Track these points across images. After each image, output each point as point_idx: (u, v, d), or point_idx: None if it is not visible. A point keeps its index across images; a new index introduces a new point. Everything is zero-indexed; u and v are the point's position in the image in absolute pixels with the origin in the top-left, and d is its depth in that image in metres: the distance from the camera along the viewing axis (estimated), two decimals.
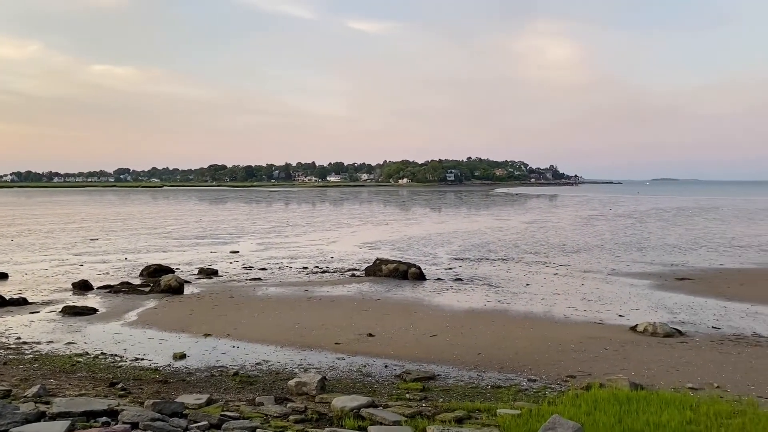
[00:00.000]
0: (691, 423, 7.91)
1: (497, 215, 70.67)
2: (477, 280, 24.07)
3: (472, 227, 51.63)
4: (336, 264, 28.65)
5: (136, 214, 71.72)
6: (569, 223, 56.74)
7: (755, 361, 12.65)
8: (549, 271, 26.67)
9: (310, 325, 15.95)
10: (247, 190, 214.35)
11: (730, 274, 25.89)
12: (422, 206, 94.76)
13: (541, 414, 8.02)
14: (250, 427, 7.81)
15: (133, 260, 29.60)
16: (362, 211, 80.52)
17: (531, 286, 22.78)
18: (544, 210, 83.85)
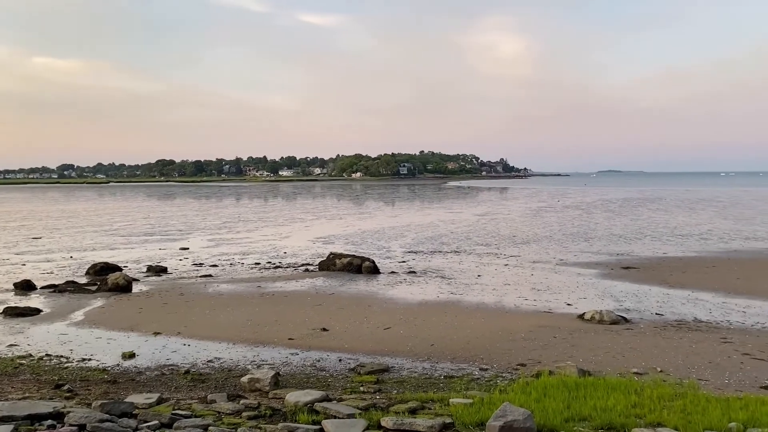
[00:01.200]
0: (635, 406, 8.20)
1: (450, 208, 71.38)
2: (430, 272, 24.28)
3: (425, 220, 52.01)
4: (289, 259, 28.46)
5: (81, 211, 69.59)
6: (519, 215, 57.76)
7: (696, 345, 13.17)
8: (500, 262, 27.11)
9: (263, 321, 15.82)
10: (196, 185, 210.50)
11: (673, 262, 26.83)
12: (376, 200, 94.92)
13: (492, 402, 8.17)
14: (202, 425, 7.71)
15: (78, 259, 28.74)
16: (315, 205, 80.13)
17: (483, 277, 23.12)
18: (495, 202, 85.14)
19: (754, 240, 35.15)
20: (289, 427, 7.65)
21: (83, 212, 67.21)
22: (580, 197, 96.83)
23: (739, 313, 16.79)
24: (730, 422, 7.35)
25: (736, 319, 16.07)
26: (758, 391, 9.96)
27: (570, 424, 7.49)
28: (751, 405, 8.02)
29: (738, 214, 56.52)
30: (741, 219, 50.95)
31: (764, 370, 11.42)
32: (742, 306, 17.64)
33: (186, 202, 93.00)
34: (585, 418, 7.75)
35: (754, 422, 7.37)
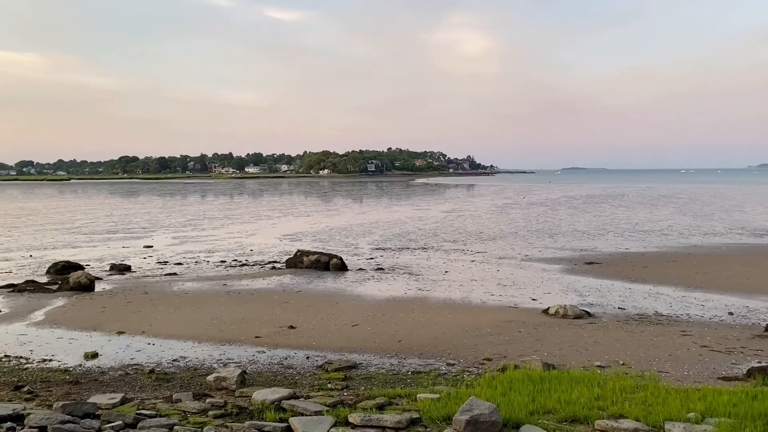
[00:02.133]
0: (599, 399, 8.35)
1: (417, 205, 71.66)
2: (398, 269, 24.36)
3: (393, 217, 52.13)
4: (255, 257, 28.24)
5: (41, 208, 67.89)
6: (486, 212, 58.31)
7: (656, 339, 13.49)
8: (467, 258, 27.34)
9: (229, 319, 15.67)
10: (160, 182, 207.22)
11: (635, 257, 27.41)
12: (343, 197, 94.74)
13: (459, 397, 8.24)
14: (167, 425, 7.62)
15: (38, 257, 28.06)
16: (282, 202, 79.63)
17: (450, 273, 23.28)
18: (462, 199, 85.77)
19: (712, 235, 36.12)
20: (256, 425, 7.62)
21: (43, 210, 65.59)
22: (545, 194, 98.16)
23: (698, 306, 17.24)
24: (689, 412, 7.55)
25: (695, 312, 16.51)
26: (716, 382, 10.25)
27: (535, 417, 7.61)
28: (708, 395, 8.25)
29: (697, 211, 58.02)
30: (700, 215, 52.31)
31: (721, 361, 11.76)
32: (701, 300, 18.12)
33: (150, 199, 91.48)
34: (550, 410, 7.87)
35: (711, 412, 7.58)
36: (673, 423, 7.16)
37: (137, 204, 77.41)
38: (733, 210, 58.50)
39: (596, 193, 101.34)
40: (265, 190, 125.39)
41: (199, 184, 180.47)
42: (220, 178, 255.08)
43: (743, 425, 6.87)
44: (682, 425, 7.08)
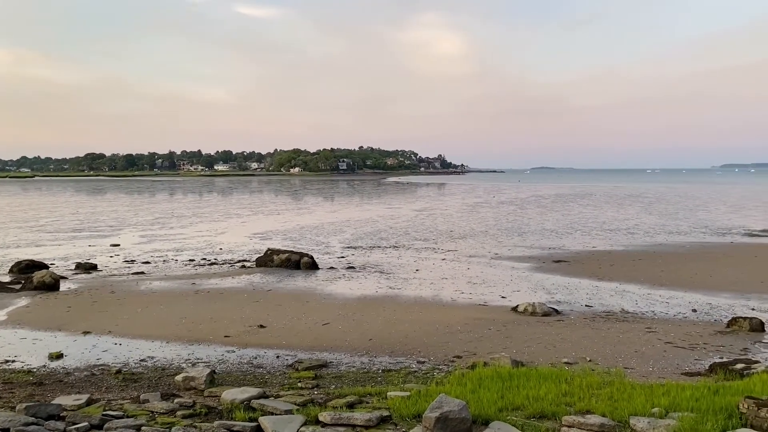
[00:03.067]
0: (566, 395, 8.48)
1: (389, 204, 71.76)
2: (369, 267, 24.37)
3: (364, 216, 52.12)
4: (225, 255, 27.98)
5: (3, 206, 66.24)
6: (456, 211, 58.66)
7: (622, 335, 13.74)
8: (437, 256, 27.48)
9: (198, 318, 15.51)
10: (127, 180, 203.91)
11: (602, 255, 27.86)
12: (314, 195, 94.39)
13: (429, 394, 8.29)
14: (134, 426, 7.52)
15: (1, 256, 27.37)
16: (252, 200, 79.00)
17: (420, 271, 23.38)
18: (433, 198, 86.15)
19: (677, 234, 36.89)
20: (226, 425, 7.56)
21: (6, 207, 64.00)
22: (515, 193, 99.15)
23: (663, 303, 17.60)
24: (653, 407, 7.71)
25: (660, 309, 16.85)
26: (679, 377, 10.49)
27: (504, 414, 7.69)
28: (672, 391, 8.43)
29: (662, 210, 59.21)
30: (665, 214, 53.41)
31: (685, 357, 12.03)
32: (665, 297, 18.50)
33: (117, 197, 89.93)
34: (518, 407, 7.97)
35: (674, 407, 7.75)
36: (638, 418, 7.30)
37: (104, 202, 76.03)
38: (697, 209, 59.85)
39: (564, 192, 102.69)
40: (234, 188, 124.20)
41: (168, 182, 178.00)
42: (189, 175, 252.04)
43: (705, 419, 7.04)
44: (646, 420, 7.23)
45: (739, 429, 7.01)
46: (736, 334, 13.82)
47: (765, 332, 13.95)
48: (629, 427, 7.15)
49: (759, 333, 13.87)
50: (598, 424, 7.20)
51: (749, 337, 13.57)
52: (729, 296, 18.51)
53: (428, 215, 52.75)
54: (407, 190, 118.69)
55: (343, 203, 74.12)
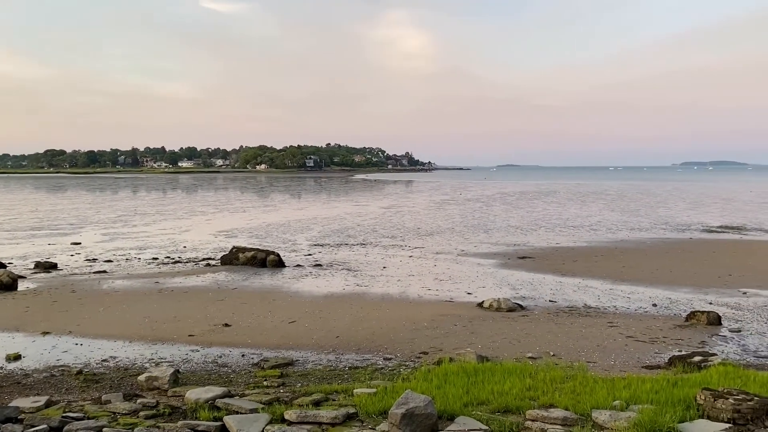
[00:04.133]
0: (530, 389, 8.60)
1: (356, 201, 71.68)
2: (336, 265, 24.31)
3: (331, 213, 51.95)
4: (189, 254, 27.61)
5: None
6: (423, 208, 58.91)
7: (585, 330, 13.98)
8: (405, 254, 27.56)
9: (162, 317, 15.28)
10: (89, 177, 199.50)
11: (565, 251, 28.29)
12: (281, 192, 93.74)
13: (395, 390, 8.32)
14: (95, 427, 7.38)
15: None
16: (218, 198, 78.09)
17: (388, 268, 23.42)
18: (401, 195, 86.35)
19: (638, 230, 37.68)
20: (190, 425, 7.47)
21: None
22: (481, 190, 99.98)
23: (624, 299, 17.96)
24: (615, 400, 7.87)
25: (621, 304, 17.19)
26: (640, 370, 10.73)
27: (469, 409, 7.76)
28: (633, 384, 8.62)
29: (624, 207, 60.40)
30: (627, 211, 54.49)
31: (645, 351, 12.31)
32: (627, 292, 18.88)
33: (78, 194, 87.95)
34: (483, 402, 8.05)
35: (635, 399, 7.93)
36: (599, 411, 7.45)
37: (64, 199, 74.27)
38: (658, 206, 61.21)
39: (529, 189, 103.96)
40: (199, 185, 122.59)
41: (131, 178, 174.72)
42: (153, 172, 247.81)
43: (664, 411, 7.21)
44: (608, 412, 7.38)
45: (696, 420, 7.21)
46: (695, 328, 14.19)
47: (722, 326, 14.35)
48: (591, 420, 7.29)
49: (716, 326, 14.26)
50: (561, 418, 7.32)
51: (707, 331, 13.94)
52: (688, 291, 18.98)
53: (396, 212, 52.86)
54: (375, 187, 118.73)
55: (310, 200, 73.78)
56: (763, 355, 12.07)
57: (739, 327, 14.26)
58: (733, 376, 8.97)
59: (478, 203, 66.35)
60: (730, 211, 54.09)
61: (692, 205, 63.04)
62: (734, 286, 19.51)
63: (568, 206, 61.57)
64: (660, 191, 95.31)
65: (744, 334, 13.67)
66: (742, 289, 19.13)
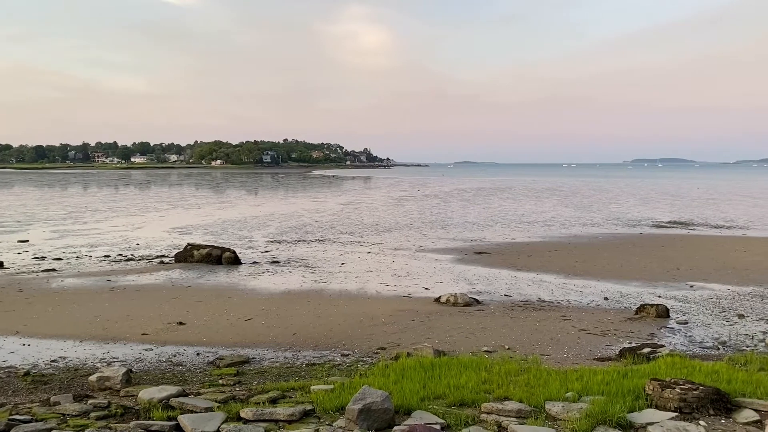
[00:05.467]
0: (485, 383, 8.72)
1: (314, 197, 71.30)
2: (294, 261, 24.15)
3: (289, 209, 51.56)
4: (142, 251, 27.03)
5: None
6: (382, 204, 59.00)
7: (539, 324, 14.25)
8: (363, 250, 27.56)
9: (114, 316, 14.93)
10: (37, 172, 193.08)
11: (520, 247, 28.75)
12: (237, 189, 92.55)
13: (353, 386, 8.32)
14: (44, 429, 7.18)
15: None
16: (172, 194, 76.63)
17: (346, 265, 23.39)
18: (359, 192, 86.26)
19: (590, 226, 38.54)
20: (143, 425, 7.33)
21: None
22: (438, 187, 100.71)
23: (577, 292, 18.36)
24: (567, 392, 8.04)
25: (574, 298, 17.57)
26: (592, 362, 10.98)
27: (426, 403, 7.83)
28: (585, 376, 8.82)
29: (577, 203, 61.70)
30: (580, 207, 55.67)
31: (597, 343, 12.61)
32: (579, 286, 19.30)
33: (25, 190, 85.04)
34: (440, 396, 8.13)
35: (587, 391, 8.12)
36: (553, 402, 7.61)
37: (11, 195, 71.73)
38: (610, 202, 62.73)
39: (486, 186, 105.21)
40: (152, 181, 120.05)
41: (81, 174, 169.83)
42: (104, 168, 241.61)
43: (614, 401, 7.41)
44: (560, 404, 7.54)
45: (644, 410, 7.43)
46: (644, 320, 14.60)
47: (670, 318, 14.81)
48: (545, 412, 7.44)
49: (664, 319, 14.71)
50: (515, 410, 7.45)
51: (655, 323, 14.37)
52: (638, 284, 19.51)
53: (354, 209, 52.80)
54: (333, 183, 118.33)
55: (267, 197, 73.05)
56: (708, 346, 12.52)
57: (686, 319, 14.74)
58: (680, 366, 9.26)
59: (435, 199, 66.81)
60: (679, 207, 55.82)
61: (642, 201, 64.79)
62: (682, 280, 20.15)
63: (524, 202, 62.56)
64: (612, 188, 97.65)
65: (690, 326, 14.15)
66: (689, 282, 19.77)
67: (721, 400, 7.49)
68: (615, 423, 6.91)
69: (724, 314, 15.29)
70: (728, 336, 13.20)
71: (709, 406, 7.39)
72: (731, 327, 14.00)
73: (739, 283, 19.54)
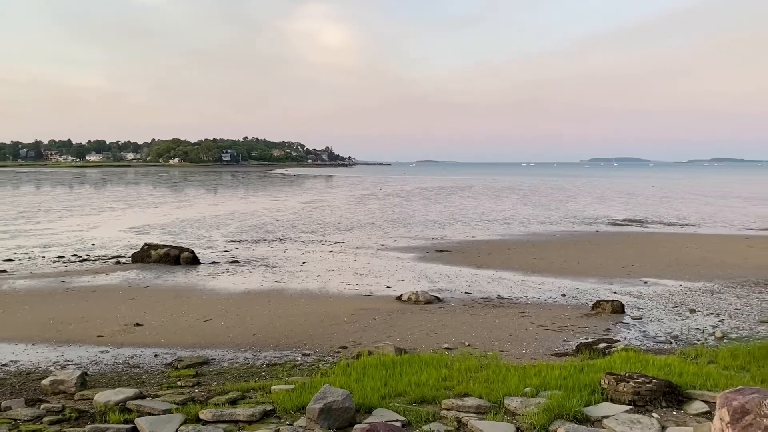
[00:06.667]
0: (446, 379, 8.80)
1: (275, 196, 70.74)
2: (254, 261, 23.93)
3: (249, 208, 51.04)
4: (98, 251, 26.41)
5: None
6: (344, 203, 58.91)
7: (498, 320, 14.43)
8: (325, 249, 27.48)
9: (68, 318, 14.55)
10: None
11: (480, 244, 29.07)
12: (196, 187, 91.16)
13: (313, 386, 8.30)
14: None
15: None
16: (128, 193, 75.04)
17: (307, 264, 23.28)
18: (321, 190, 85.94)
19: (548, 224, 39.21)
20: (98, 429, 7.17)
21: None
22: (400, 185, 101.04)
23: (536, 289, 18.67)
24: (526, 387, 8.18)
25: (532, 294, 17.85)
26: (549, 358, 11.19)
27: (387, 401, 7.85)
28: (543, 371, 8.98)
29: (536, 201, 62.70)
30: (538, 205, 56.59)
31: (555, 339, 12.84)
32: (537, 283, 19.62)
33: None
34: (401, 393, 8.16)
35: (545, 386, 8.27)
36: (511, 398, 7.73)
37: None
38: (567, 200, 63.93)
39: (447, 184, 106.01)
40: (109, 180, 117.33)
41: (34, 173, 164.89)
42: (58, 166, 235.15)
43: (571, 396, 7.57)
44: (519, 399, 7.66)
45: (600, 403, 7.60)
46: (600, 316, 14.93)
47: (625, 313, 15.17)
48: (504, 407, 7.55)
49: (620, 314, 15.06)
50: (475, 406, 7.54)
51: (611, 319, 14.71)
52: (594, 281, 19.94)
53: (316, 207, 52.58)
54: (294, 182, 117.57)
55: (226, 195, 72.16)
56: (661, 340, 12.87)
57: (640, 314, 15.13)
58: (635, 360, 9.50)
59: (397, 198, 67.03)
60: (634, 205, 57.23)
61: (599, 199, 66.22)
62: (636, 276, 20.67)
63: (484, 201, 63.25)
64: (569, 186, 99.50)
65: (645, 321, 14.52)
66: (643, 278, 20.29)
67: (673, 392, 7.71)
68: (572, 417, 7.06)
69: (677, 309, 15.74)
70: (680, 330, 13.60)
71: (661, 398, 7.61)
72: (683, 321, 14.42)
73: (691, 278, 20.14)
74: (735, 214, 46.92)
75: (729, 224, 39.10)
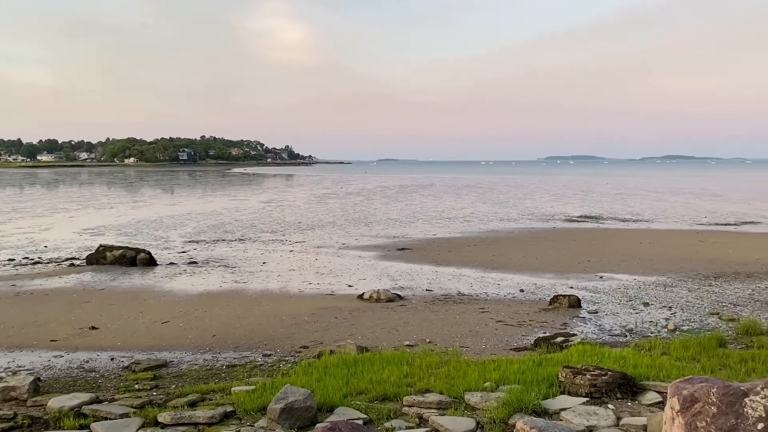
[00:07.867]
0: (407, 376, 8.86)
1: (234, 195, 69.91)
2: (213, 262, 23.62)
3: (207, 208, 50.33)
4: (51, 254, 25.68)
5: None
6: (304, 202, 58.60)
7: (459, 316, 14.58)
8: (285, 248, 27.29)
9: (20, 322, 14.12)
10: None
11: (441, 242, 29.29)
12: (152, 187, 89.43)
13: (274, 386, 8.25)
14: None
15: None
16: (82, 193, 73.15)
17: (268, 264, 23.09)
18: (281, 189, 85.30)
19: (507, 221, 39.75)
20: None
21: None
22: (362, 184, 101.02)
23: (495, 285, 18.91)
24: (486, 382, 8.30)
25: (492, 291, 18.08)
26: (509, 353, 11.36)
27: (348, 399, 7.87)
28: (502, 366, 9.12)
29: (495, 199, 63.48)
30: (497, 203, 57.31)
31: (514, 334, 13.04)
32: (497, 279, 19.88)
33: None
34: (362, 391, 8.19)
35: (504, 380, 8.40)
36: (471, 393, 7.83)
37: None
38: (525, 198, 64.91)
39: (408, 183, 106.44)
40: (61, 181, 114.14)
41: None
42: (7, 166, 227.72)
43: (530, 389, 7.71)
44: (479, 394, 7.77)
45: (558, 396, 7.77)
46: (557, 311, 15.22)
47: (581, 308, 15.50)
48: (464, 402, 7.64)
49: (576, 309, 15.38)
50: (435, 402, 7.61)
51: (568, 313, 15.00)
52: (551, 276, 20.30)
53: (276, 207, 52.16)
54: (254, 181, 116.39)
55: (184, 195, 71.00)
56: (616, 334, 13.19)
57: (596, 309, 15.47)
58: (591, 353, 9.73)
59: (359, 197, 66.99)
60: (589, 202, 58.44)
61: (555, 196, 67.41)
62: (592, 271, 21.13)
63: (444, 199, 63.73)
64: (527, 184, 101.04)
65: (600, 315, 14.86)
66: (599, 273, 20.75)
67: (627, 384, 7.93)
68: (530, 410, 7.19)
69: (631, 303, 16.15)
70: (635, 323, 13.96)
71: (617, 390, 7.81)
72: (637, 315, 14.81)
73: (645, 273, 20.69)
74: (686, 209, 48.36)
75: (681, 220, 40.28)
